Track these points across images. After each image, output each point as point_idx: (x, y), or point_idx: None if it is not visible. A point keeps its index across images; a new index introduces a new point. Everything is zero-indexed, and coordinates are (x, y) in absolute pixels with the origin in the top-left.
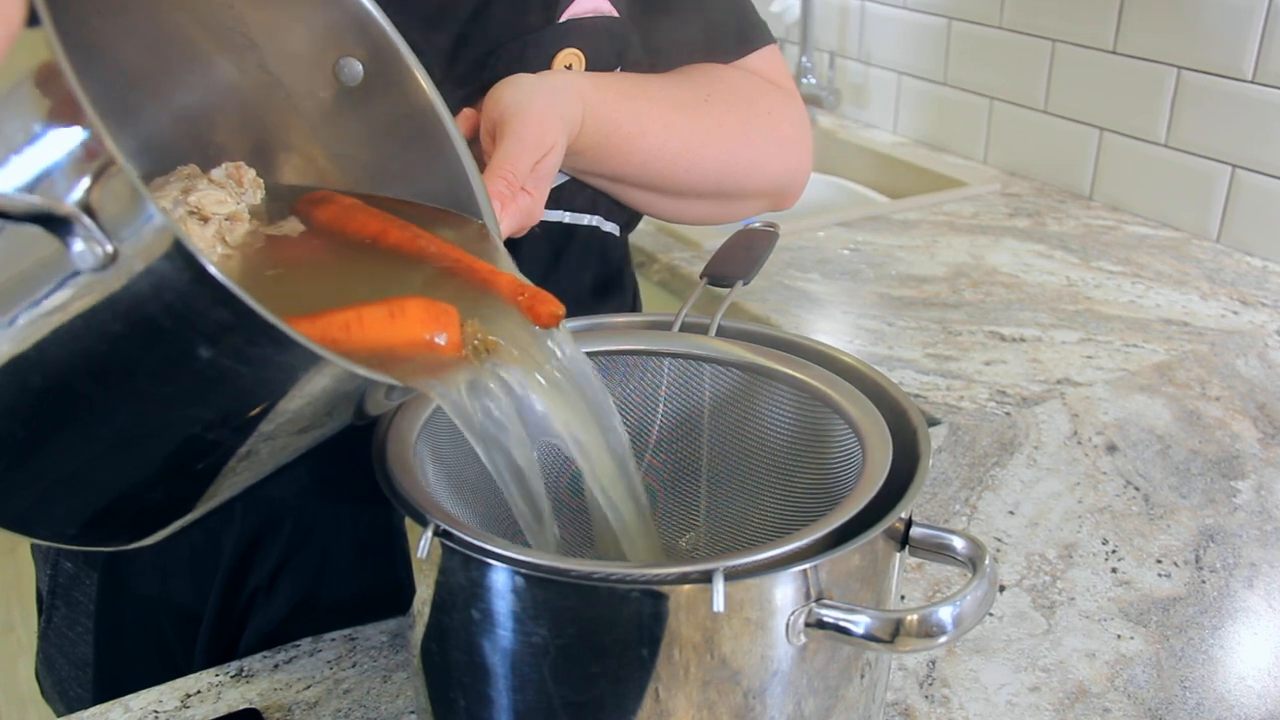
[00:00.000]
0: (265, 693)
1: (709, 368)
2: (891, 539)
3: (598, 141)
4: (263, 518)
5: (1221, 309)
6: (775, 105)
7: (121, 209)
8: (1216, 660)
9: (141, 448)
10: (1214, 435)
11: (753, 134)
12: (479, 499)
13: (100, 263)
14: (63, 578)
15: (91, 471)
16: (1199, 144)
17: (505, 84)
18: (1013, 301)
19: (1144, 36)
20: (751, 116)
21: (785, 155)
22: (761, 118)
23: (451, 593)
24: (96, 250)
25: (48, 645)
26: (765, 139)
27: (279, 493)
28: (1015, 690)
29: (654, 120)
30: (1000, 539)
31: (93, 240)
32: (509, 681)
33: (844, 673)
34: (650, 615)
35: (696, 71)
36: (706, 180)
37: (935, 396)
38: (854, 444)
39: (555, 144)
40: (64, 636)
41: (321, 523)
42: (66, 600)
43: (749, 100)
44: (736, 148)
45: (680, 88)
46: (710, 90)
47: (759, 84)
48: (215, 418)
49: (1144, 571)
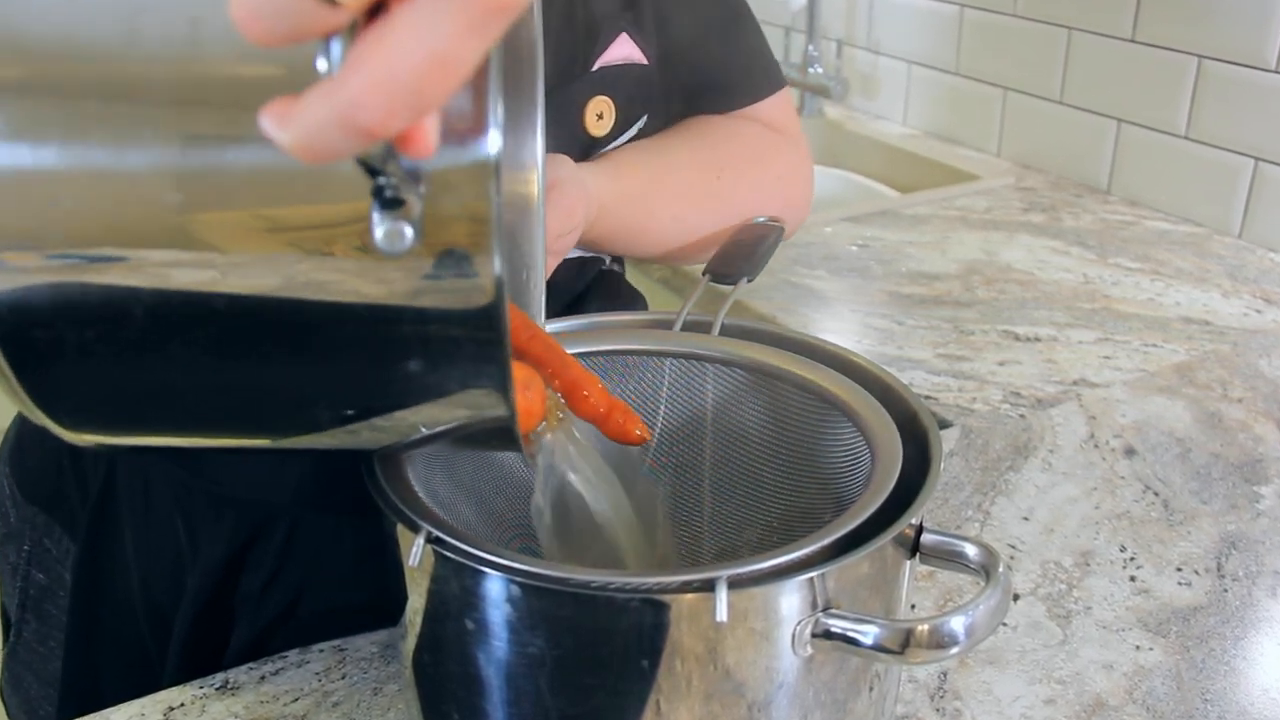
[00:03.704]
0: (251, 706)
1: (712, 368)
2: (901, 546)
3: (606, 236)
4: (256, 523)
5: (1244, 307)
6: (785, 165)
7: (461, 226)
8: (1239, 672)
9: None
10: (1236, 438)
11: (763, 200)
12: (472, 506)
13: (399, 245)
14: (34, 590)
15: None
16: (1221, 136)
17: (551, 158)
18: (1027, 300)
19: (1164, 24)
20: (763, 182)
21: (794, 212)
22: (772, 183)
23: (445, 602)
24: (406, 234)
25: (15, 664)
26: (775, 203)
27: (275, 498)
28: (1030, 703)
29: (665, 212)
30: (1014, 546)
31: (418, 221)
32: (504, 694)
33: (852, 685)
34: (651, 625)
35: (710, 136)
36: (704, 250)
37: (947, 398)
38: (862, 447)
39: (575, 228)
40: (34, 653)
41: (317, 532)
42: (38, 614)
43: (761, 165)
44: (738, 216)
45: (694, 166)
46: (724, 162)
47: (770, 141)
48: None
49: (1163, 580)
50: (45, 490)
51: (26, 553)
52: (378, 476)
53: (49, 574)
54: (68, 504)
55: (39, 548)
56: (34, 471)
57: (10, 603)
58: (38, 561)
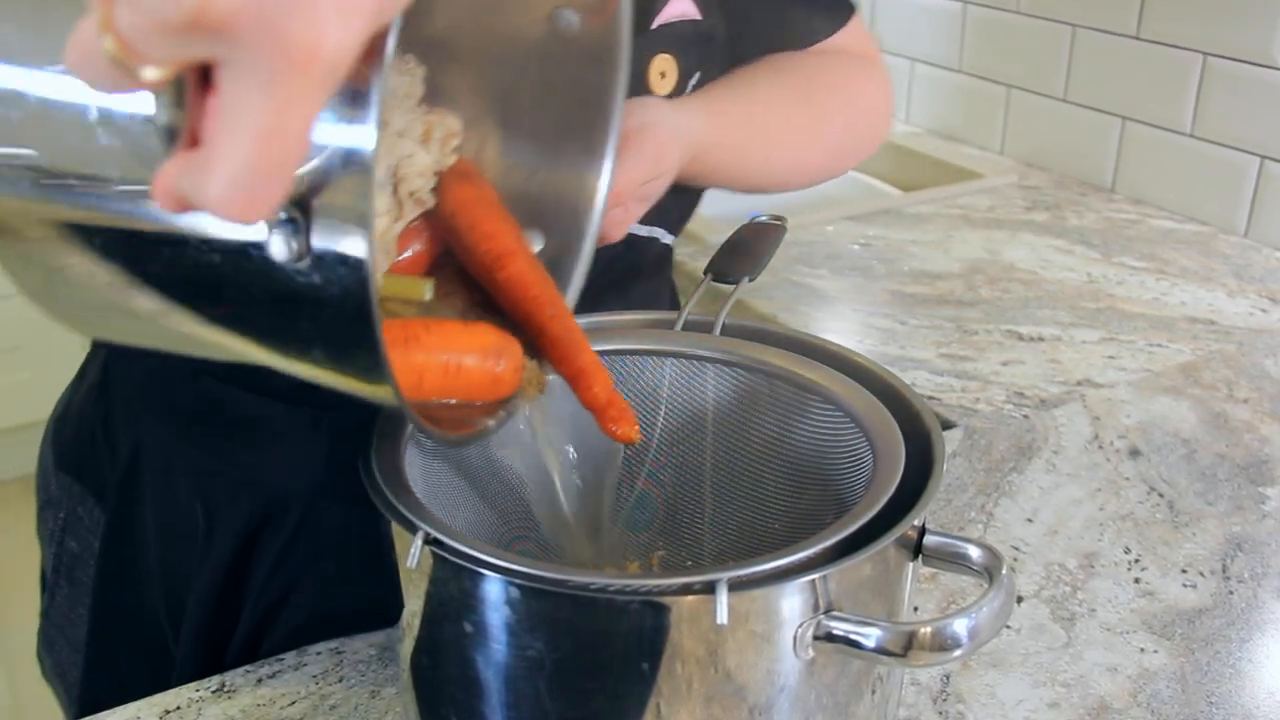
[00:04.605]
0: (248, 709)
1: (713, 368)
2: (904, 548)
3: (705, 172)
4: (269, 509)
5: (1250, 307)
6: (869, 90)
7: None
8: (1245, 675)
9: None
10: (1242, 439)
11: (849, 131)
12: (471, 507)
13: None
14: (67, 557)
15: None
16: (1226, 134)
17: (639, 103)
18: (1031, 299)
19: (1168, 21)
20: (850, 115)
21: (878, 136)
22: (862, 110)
23: (443, 604)
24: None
25: (49, 625)
26: (861, 131)
27: (290, 484)
28: (1033, 706)
29: (761, 145)
30: (1018, 548)
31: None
32: (503, 697)
33: (854, 688)
34: (651, 628)
35: (796, 70)
36: (805, 181)
37: (950, 398)
38: (865, 448)
39: (666, 171)
40: (65, 618)
41: (327, 522)
42: (70, 580)
43: (849, 93)
44: (834, 149)
45: (785, 99)
46: (813, 94)
47: (853, 70)
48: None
49: (1168, 582)
50: (79, 460)
51: (62, 520)
52: (375, 477)
53: (80, 542)
54: (99, 474)
55: (73, 516)
56: (70, 442)
57: (47, 567)
58: (71, 529)
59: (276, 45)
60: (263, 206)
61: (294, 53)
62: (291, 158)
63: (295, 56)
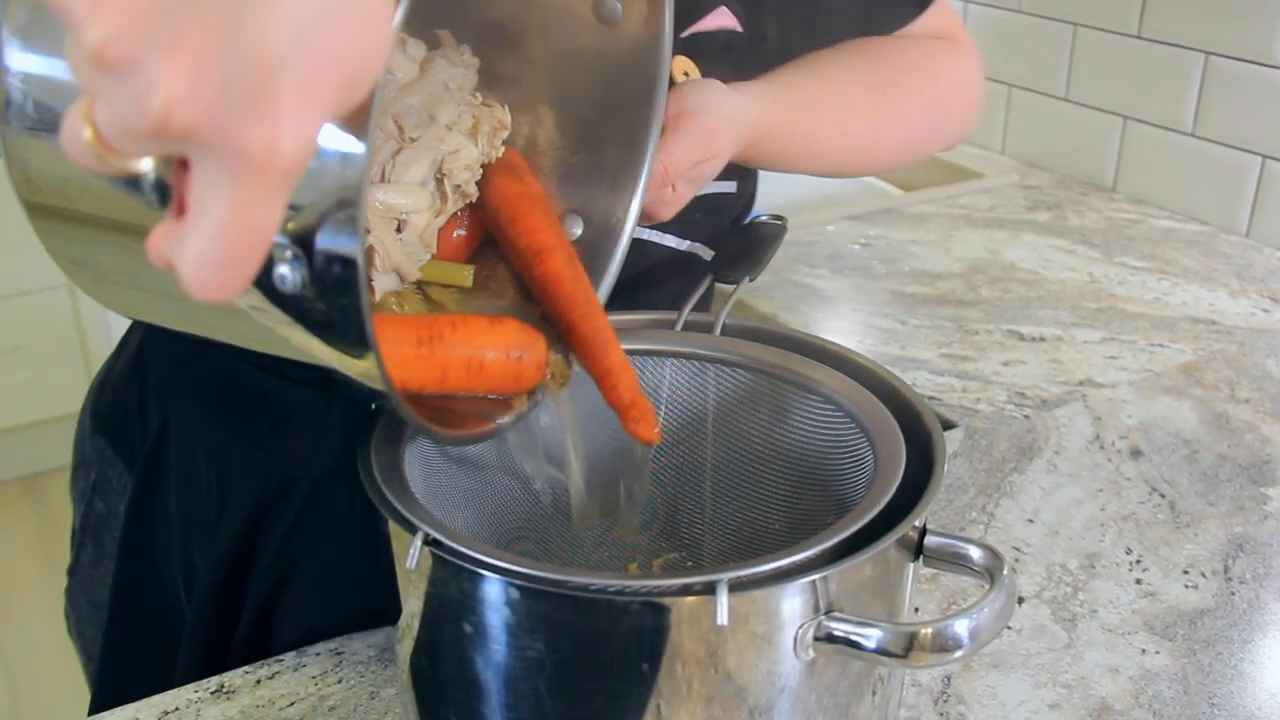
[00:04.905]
0: (247, 710)
1: (713, 368)
2: (905, 549)
3: (766, 157)
4: (279, 485)
5: (1251, 307)
6: (956, 74)
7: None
8: (1246, 676)
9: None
10: (1243, 439)
11: (931, 114)
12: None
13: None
14: (94, 517)
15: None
16: (1228, 133)
17: (695, 84)
18: (1032, 299)
19: (1170, 20)
20: (932, 97)
21: (965, 120)
22: (943, 95)
23: (443, 605)
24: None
25: (74, 583)
26: (944, 114)
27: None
28: (1035, 707)
29: (827, 130)
30: (1019, 548)
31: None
32: (503, 698)
33: (855, 689)
34: (651, 628)
35: (874, 53)
36: (880, 166)
37: (951, 399)
38: (865, 448)
39: (718, 154)
40: (88, 576)
41: (333, 505)
42: (95, 540)
43: (931, 78)
44: (912, 133)
45: (857, 84)
46: (890, 78)
47: (939, 53)
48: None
49: (1170, 582)
50: (114, 426)
51: (93, 480)
52: (375, 478)
53: (108, 504)
54: (130, 442)
55: (103, 478)
56: (107, 408)
57: (76, 525)
58: (100, 490)
59: (233, 153)
60: (228, 289)
61: (250, 159)
62: (255, 251)
63: (251, 162)
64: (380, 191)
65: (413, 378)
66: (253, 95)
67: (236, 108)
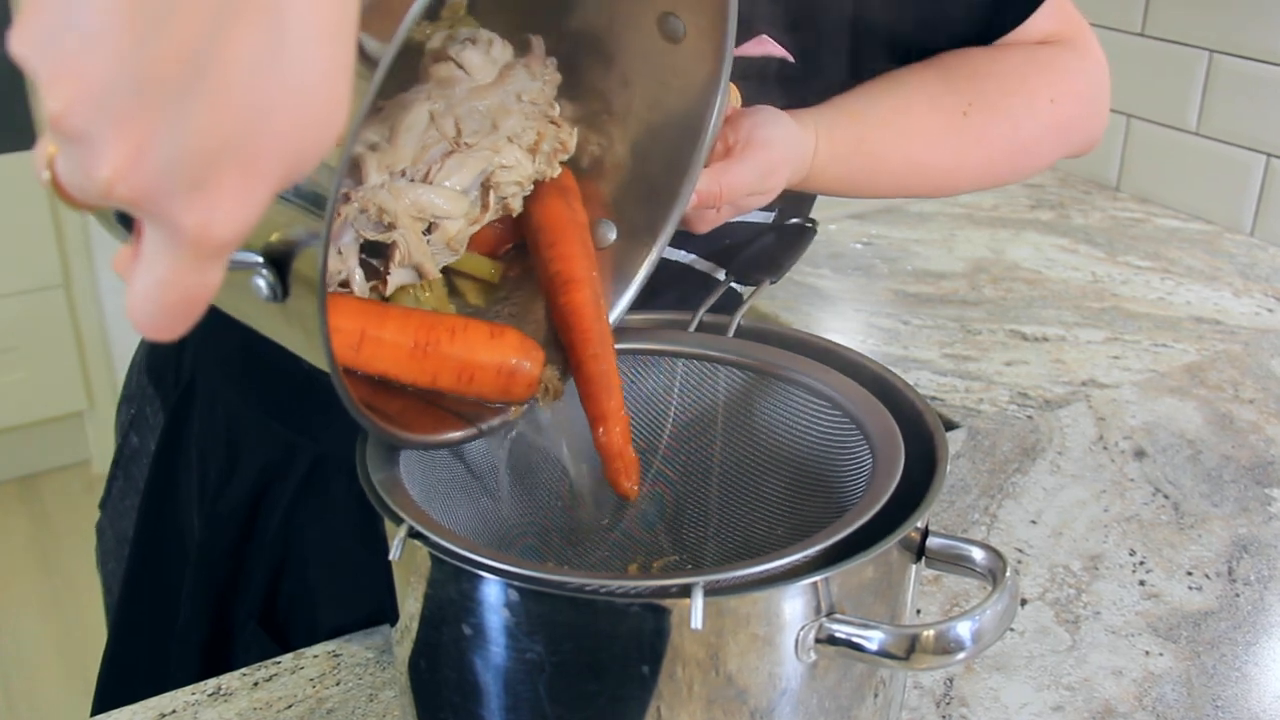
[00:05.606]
0: (244, 713)
1: (723, 369)
2: (907, 550)
3: (831, 184)
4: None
5: (1256, 306)
6: (1059, 84)
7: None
8: (1250, 678)
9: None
10: (1247, 440)
11: (1021, 132)
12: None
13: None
14: (128, 450)
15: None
16: (1232, 132)
17: (766, 115)
18: (1035, 299)
19: (1174, 18)
20: (1025, 112)
21: (1079, 131)
22: (1041, 110)
23: (441, 607)
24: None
25: (103, 516)
26: (1042, 130)
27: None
28: (1038, 710)
29: (897, 156)
30: (1022, 550)
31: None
32: (502, 700)
33: (856, 692)
34: (652, 630)
35: (956, 72)
36: (961, 190)
37: (953, 399)
38: (866, 449)
39: (771, 190)
40: (116, 508)
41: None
42: (126, 473)
43: (1024, 94)
44: (999, 153)
45: (932, 107)
46: (970, 99)
47: (1038, 63)
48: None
49: (1174, 584)
50: (155, 363)
51: (132, 415)
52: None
53: (141, 439)
54: (166, 382)
55: (141, 414)
56: (153, 348)
57: (113, 457)
58: (137, 425)
59: (171, 229)
60: (166, 334)
61: (184, 236)
62: (191, 307)
63: (186, 238)
64: (417, 190)
65: (403, 373)
66: (194, 178)
67: (177, 188)
